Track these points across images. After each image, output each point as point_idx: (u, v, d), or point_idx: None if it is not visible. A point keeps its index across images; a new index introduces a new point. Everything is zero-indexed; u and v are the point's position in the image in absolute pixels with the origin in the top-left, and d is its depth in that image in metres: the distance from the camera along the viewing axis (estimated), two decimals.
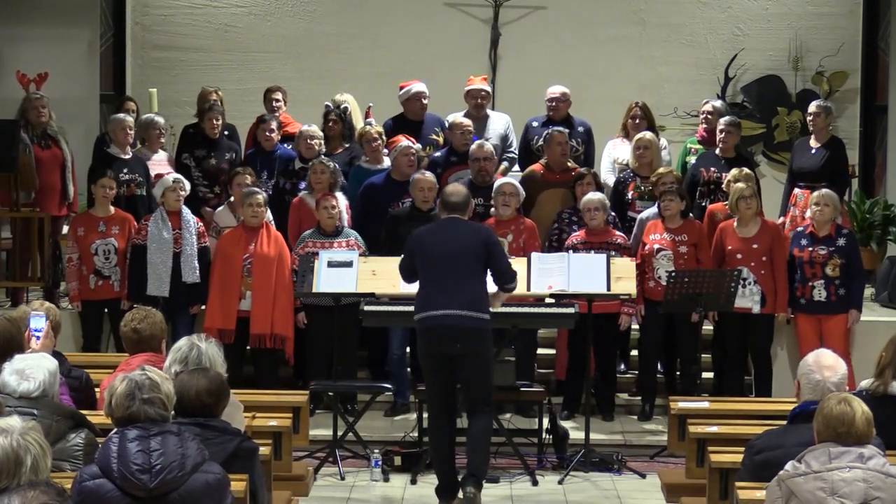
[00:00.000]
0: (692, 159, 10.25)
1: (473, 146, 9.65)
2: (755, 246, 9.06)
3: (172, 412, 4.74)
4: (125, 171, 9.77)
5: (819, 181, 9.64)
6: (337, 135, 10.14)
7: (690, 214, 9.42)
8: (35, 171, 9.75)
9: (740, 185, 9.14)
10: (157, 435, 4.23)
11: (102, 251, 9.29)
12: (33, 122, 9.86)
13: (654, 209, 9.40)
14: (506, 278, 7.44)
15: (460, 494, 7.29)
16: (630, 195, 9.81)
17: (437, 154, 10.05)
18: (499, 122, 10.32)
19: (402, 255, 7.59)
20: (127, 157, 9.84)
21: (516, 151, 10.26)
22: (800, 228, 9.26)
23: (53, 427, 4.85)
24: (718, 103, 10.74)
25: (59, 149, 9.97)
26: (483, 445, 7.34)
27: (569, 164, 9.83)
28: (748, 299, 9.01)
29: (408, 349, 9.18)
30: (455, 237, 7.36)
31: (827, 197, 9.01)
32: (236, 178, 9.54)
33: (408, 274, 7.55)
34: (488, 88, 10.35)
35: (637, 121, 10.20)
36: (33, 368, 5.08)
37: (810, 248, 9.00)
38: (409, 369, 9.29)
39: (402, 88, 10.28)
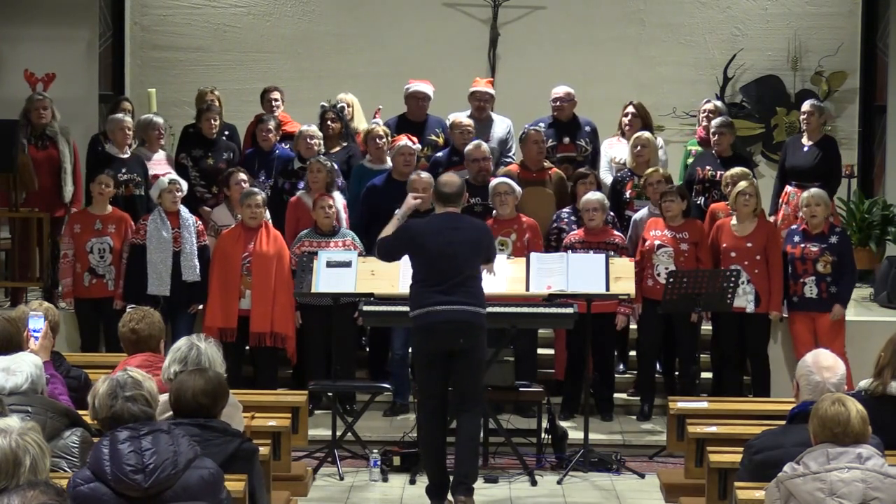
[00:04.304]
0: (693, 159, 10.27)
1: (470, 146, 9.66)
2: (749, 245, 9.07)
3: (171, 412, 4.75)
4: (123, 170, 9.77)
5: (812, 180, 9.67)
6: (335, 134, 10.15)
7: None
8: (33, 172, 9.75)
9: (742, 182, 9.16)
10: (148, 434, 4.22)
11: (97, 249, 9.29)
12: (34, 122, 9.86)
13: (645, 209, 9.43)
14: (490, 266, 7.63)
15: (451, 498, 7.25)
16: (628, 194, 9.83)
17: (439, 154, 10.08)
18: (500, 126, 10.35)
19: (387, 239, 7.53)
20: (125, 156, 9.84)
21: (515, 157, 10.27)
22: (794, 226, 9.28)
23: (48, 424, 4.84)
24: (719, 103, 10.78)
25: (57, 150, 9.96)
26: (473, 451, 7.29)
27: (545, 163, 9.85)
28: (742, 298, 9.01)
29: (409, 349, 9.17)
30: (458, 232, 7.32)
31: (818, 197, 9.03)
32: (232, 176, 9.55)
33: (387, 253, 7.54)
34: (492, 91, 10.36)
35: (632, 119, 10.22)
36: (18, 363, 5.09)
37: (802, 245, 9.03)
38: (409, 369, 9.29)
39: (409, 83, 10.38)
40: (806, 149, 9.95)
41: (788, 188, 9.92)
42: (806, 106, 10.07)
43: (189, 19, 12.31)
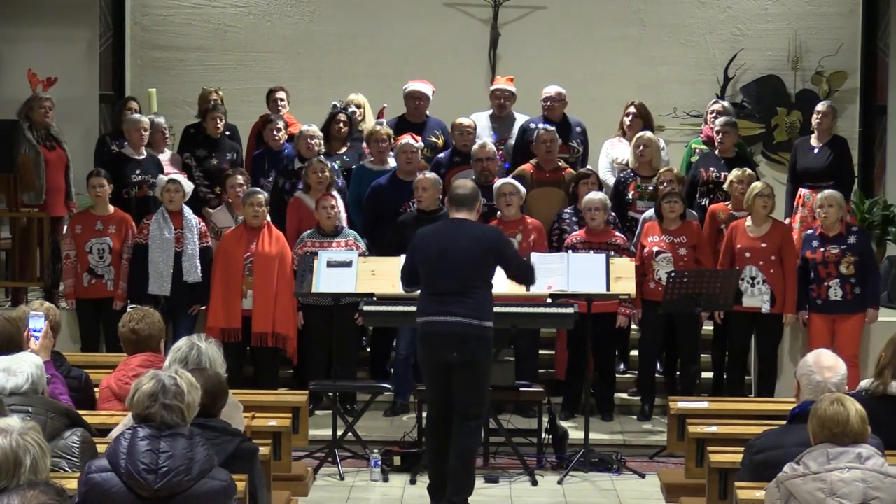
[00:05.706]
0: (696, 160, 10.25)
1: (475, 146, 9.67)
2: (764, 245, 9.06)
3: None
4: (138, 171, 9.75)
5: (825, 180, 9.66)
6: (342, 135, 10.15)
7: (694, 212, 9.45)
8: (35, 172, 9.74)
9: (758, 184, 9.14)
10: (169, 437, 4.23)
11: (97, 250, 9.29)
12: (38, 122, 9.83)
13: (653, 210, 9.41)
14: (525, 278, 7.34)
15: None
16: (630, 195, 9.82)
17: (441, 155, 10.08)
18: (521, 124, 10.34)
19: (403, 266, 7.39)
20: (141, 157, 9.82)
21: None
22: (809, 231, 9.26)
23: (48, 424, 4.84)
24: (726, 103, 10.77)
25: (63, 149, 9.98)
26: (464, 469, 7.17)
27: (559, 163, 9.84)
28: (757, 299, 9.01)
29: (414, 350, 9.14)
30: (459, 240, 7.12)
31: (831, 198, 9.02)
32: (230, 178, 9.55)
33: (407, 278, 7.32)
34: (512, 89, 10.35)
35: (633, 119, 10.21)
36: (19, 363, 5.08)
37: (822, 249, 9.01)
38: (412, 370, 9.26)
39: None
40: (816, 150, 9.93)
41: (802, 190, 9.88)
42: (821, 106, 10.05)
43: (189, 19, 12.31)
